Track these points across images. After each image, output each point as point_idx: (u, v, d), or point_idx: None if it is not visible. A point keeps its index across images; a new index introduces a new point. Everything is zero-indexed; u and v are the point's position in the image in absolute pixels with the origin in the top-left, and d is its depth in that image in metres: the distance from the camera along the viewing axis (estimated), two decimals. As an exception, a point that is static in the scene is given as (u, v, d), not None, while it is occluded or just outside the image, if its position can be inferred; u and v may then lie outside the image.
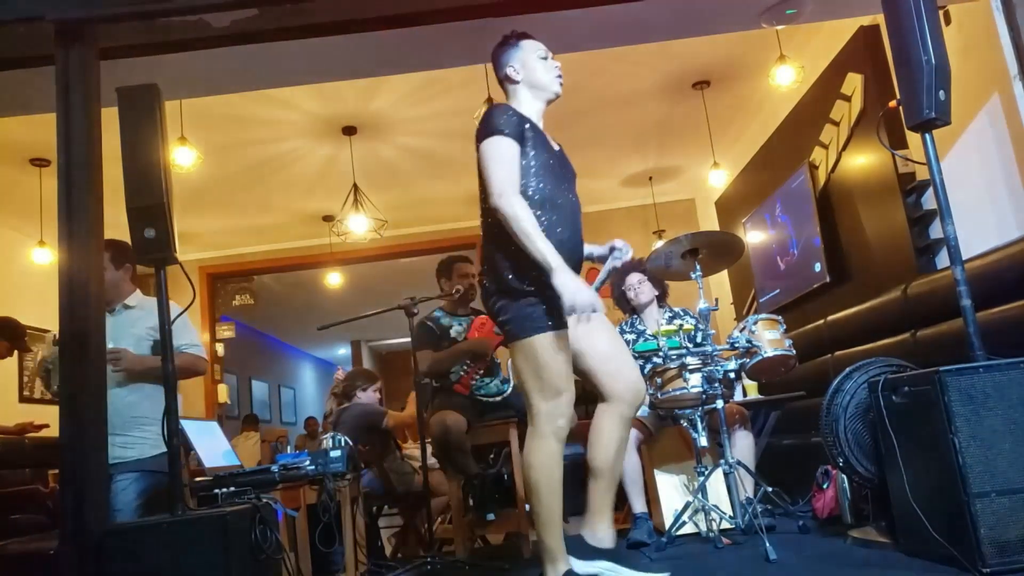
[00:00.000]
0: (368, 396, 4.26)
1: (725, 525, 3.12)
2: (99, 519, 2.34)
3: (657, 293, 3.90)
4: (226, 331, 8.46)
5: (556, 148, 2.51)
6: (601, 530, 2.25)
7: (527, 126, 2.38)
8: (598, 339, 2.41)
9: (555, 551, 2.24)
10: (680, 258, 3.30)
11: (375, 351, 14.79)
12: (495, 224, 2.31)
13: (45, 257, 5.78)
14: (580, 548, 2.23)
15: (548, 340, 2.24)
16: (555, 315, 2.25)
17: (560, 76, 2.50)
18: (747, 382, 3.84)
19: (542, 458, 2.23)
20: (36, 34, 2.72)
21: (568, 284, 2.14)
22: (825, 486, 3.35)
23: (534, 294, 2.26)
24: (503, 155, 2.29)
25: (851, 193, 4.46)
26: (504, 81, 2.55)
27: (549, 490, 2.23)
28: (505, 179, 2.26)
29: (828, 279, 4.64)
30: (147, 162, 2.35)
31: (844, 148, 4.47)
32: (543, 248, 2.18)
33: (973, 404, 2.17)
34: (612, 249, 2.59)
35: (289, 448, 8.57)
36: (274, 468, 2.76)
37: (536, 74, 2.48)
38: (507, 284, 2.30)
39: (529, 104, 2.49)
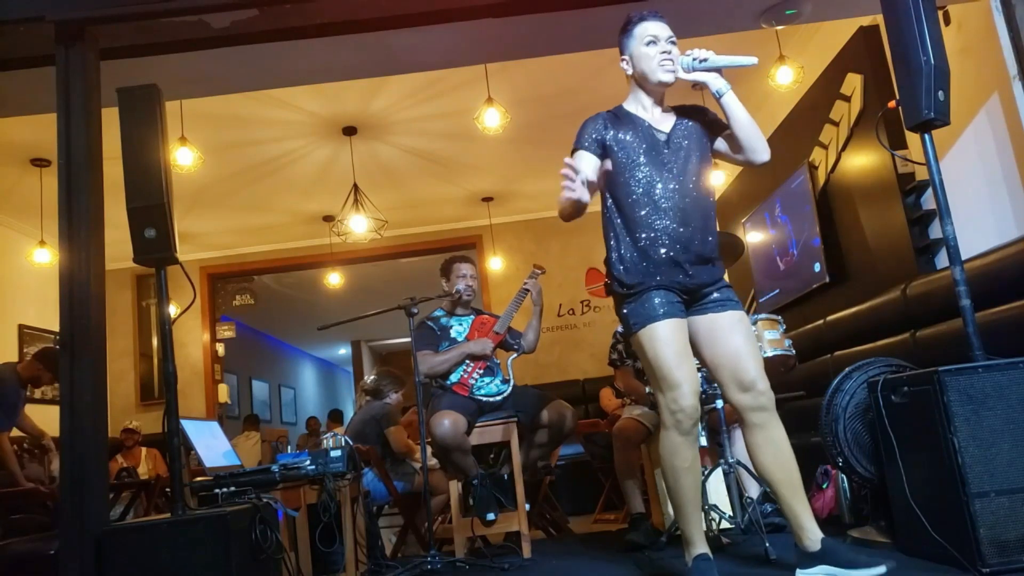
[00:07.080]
0: (395, 399, 4.39)
1: (725, 525, 3.12)
2: (99, 519, 2.34)
3: None
4: (226, 331, 8.46)
5: (664, 135, 2.35)
6: (803, 538, 2.23)
7: (609, 133, 2.34)
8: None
9: (687, 536, 2.32)
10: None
11: (375, 351, 14.77)
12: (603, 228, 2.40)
13: (45, 257, 5.78)
14: (801, 557, 2.25)
15: (649, 334, 2.25)
16: (653, 309, 2.25)
17: (666, 61, 2.29)
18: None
19: (663, 448, 2.30)
20: (36, 34, 2.72)
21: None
22: (824, 486, 3.35)
23: (629, 292, 2.29)
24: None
25: (851, 193, 4.46)
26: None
27: (672, 479, 2.30)
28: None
29: (828, 279, 4.64)
30: (147, 162, 2.36)
31: (844, 148, 4.46)
32: None
33: (972, 404, 2.18)
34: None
35: (290, 448, 8.56)
36: (274, 468, 2.76)
37: (640, 63, 2.34)
38: (609, 286, 2.38)
39: (644, 96, 2.39)
